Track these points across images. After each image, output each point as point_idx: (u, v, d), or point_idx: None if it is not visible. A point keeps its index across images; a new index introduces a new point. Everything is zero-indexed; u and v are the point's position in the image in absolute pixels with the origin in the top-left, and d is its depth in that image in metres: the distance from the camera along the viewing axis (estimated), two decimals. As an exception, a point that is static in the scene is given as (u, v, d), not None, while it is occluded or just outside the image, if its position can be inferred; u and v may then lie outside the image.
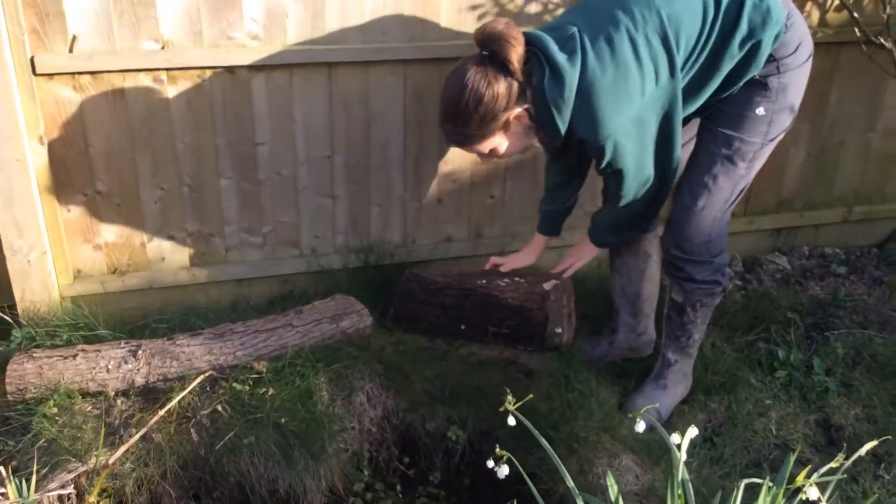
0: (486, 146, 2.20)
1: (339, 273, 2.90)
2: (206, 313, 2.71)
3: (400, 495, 2.45)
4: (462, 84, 2.07)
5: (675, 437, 1.56)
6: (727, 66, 2.09)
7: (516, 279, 2.66)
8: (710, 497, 1.99)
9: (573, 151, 2.35)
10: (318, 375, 2.38)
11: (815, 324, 2.86)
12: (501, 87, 2.06)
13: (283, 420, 2.25)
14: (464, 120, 2.12)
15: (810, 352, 2.72)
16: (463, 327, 2.64)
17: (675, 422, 2.48)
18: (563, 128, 2.09)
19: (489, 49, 2.06)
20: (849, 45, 3.01)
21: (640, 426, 1.68)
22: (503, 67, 2.05)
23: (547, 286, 2.61)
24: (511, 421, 1.77)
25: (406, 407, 2.46)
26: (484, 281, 2.66)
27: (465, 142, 2.20)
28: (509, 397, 1.79)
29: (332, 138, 2.71)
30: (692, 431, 1.56)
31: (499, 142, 2.19)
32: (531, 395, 2.24)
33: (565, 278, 2.64)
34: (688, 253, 2.32)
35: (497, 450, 1.74)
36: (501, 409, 1.80)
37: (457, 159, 2.86)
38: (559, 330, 2.58)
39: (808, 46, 2.15)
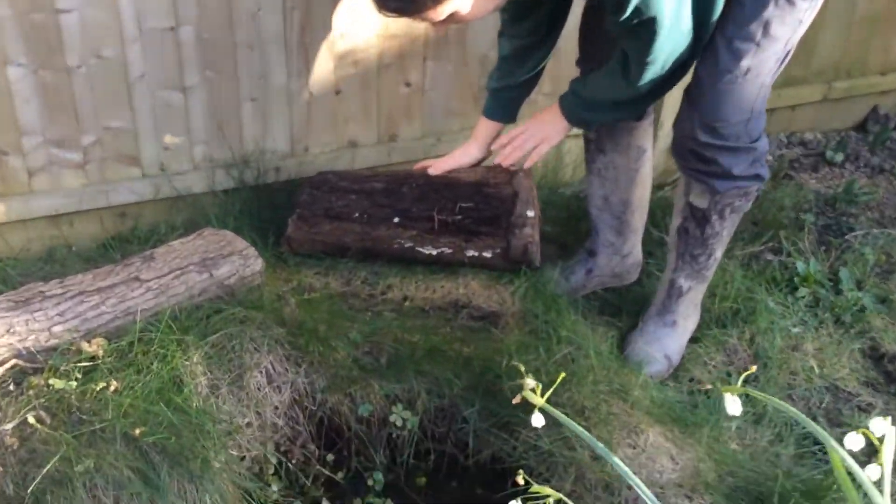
0: (442, 10, 1.41)
1: (204, 198, 2.13)
2: (6, 268, 1.91)
3: (328, 512, 1.75)
4: None
5: (873, 470, 0.88)
6: None
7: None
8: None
9: (549, 3, 1.61)
10: (188, 353, 1.59)
11: (827, 226, 2.31)
12: None
13: (137, 430, 1.46)
14: None
15: (831, 261, 2.16)
16: (397, 220, 1.97)
17: (689, 367, 1.86)
18: None
19: None
20: None
21: (736, 408, 1.03)
22: None
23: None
24: (537, 421, 1.07)
25: (326, 385, 1.72)
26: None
27: (411, 9, 1.40)
28: (529, 380, 1.07)
29: (175, 2, 1.88)
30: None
31: (460, 3, 1.41)
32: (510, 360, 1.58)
33: (527, 167, 1.93)
34: (723, 138, 1.63)
35: (521, 476, 1.06)
36: (516, 402, 1.09)
37: (360, 31, 2.07)
38: (531, 214, 1.92)
39: None
